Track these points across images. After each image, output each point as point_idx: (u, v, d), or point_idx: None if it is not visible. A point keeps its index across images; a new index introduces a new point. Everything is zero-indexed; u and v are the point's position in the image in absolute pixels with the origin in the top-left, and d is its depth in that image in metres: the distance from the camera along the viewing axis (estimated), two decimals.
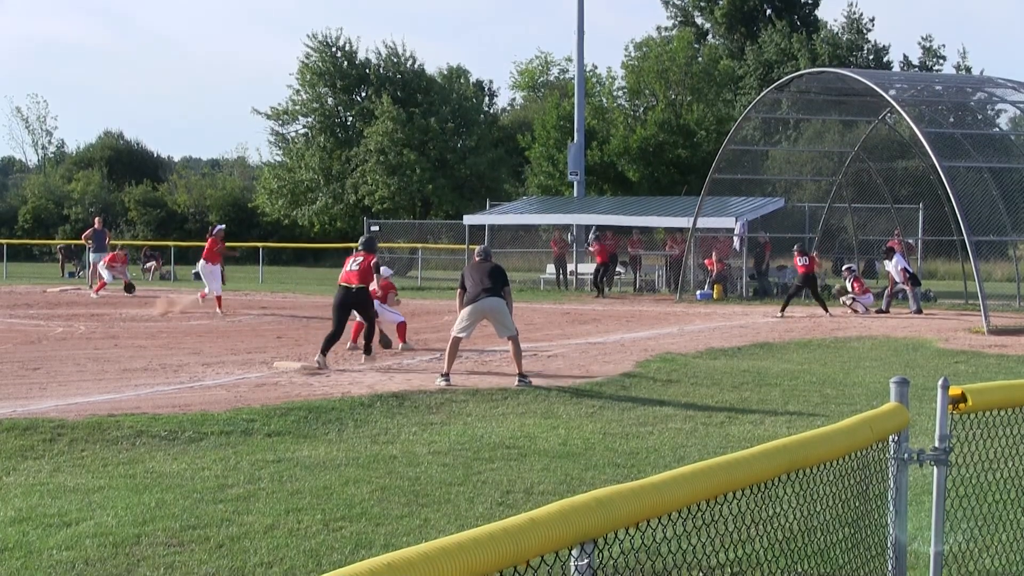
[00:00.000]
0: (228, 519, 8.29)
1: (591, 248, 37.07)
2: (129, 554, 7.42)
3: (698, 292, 35.01)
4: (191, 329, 23.52)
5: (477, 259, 16.37)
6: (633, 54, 69.54)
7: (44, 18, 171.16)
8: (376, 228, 45.76)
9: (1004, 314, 27.46)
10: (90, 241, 37.04)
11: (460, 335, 15.74)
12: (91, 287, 35.52)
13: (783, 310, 28.19)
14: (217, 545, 7.66)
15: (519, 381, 15.24)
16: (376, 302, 19.02)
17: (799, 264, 29.36)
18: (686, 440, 11.78)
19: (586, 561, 3.31)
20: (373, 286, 19.16)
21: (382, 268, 21.11)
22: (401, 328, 19.82)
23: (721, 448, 10.89)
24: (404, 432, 11.97)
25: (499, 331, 16.06)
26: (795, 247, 30.73)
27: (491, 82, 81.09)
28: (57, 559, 7.27)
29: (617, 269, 40.03)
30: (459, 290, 16.20)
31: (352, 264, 17.85)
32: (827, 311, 28.32)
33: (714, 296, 34.35)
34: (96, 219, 39.17)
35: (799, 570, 4.91)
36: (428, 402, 13.79)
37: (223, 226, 29.39)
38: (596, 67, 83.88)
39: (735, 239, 36.20)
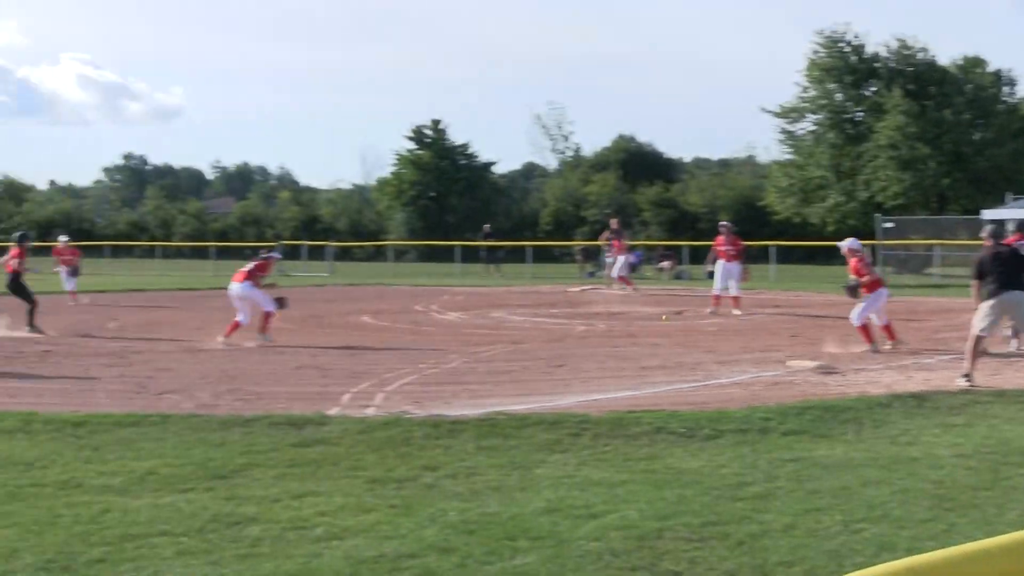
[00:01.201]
0: (747, 517, 8.33)
1: None
2: (652, 547, 7.60)
3: None
4: (705, 328, 23.85)
5: (990, 242, 15.51)
6: None
7: (560, 28, 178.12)
8: (890, 225, 44.70)
9: None
10: (607, 242, 38.59)
11: (982, 333, 15.06)
12: (610, 287, 37.13)
13: None
14: (737, 542, 7.71)
15: None
16: None
17: None
18: None
19: None
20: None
21: None
22: None
23: None
24: (925, 434, 11.60)
25: (1021, 327, 15.25)
26: None
27: (1010, 70, 76.92)
28: (585, 549, 7.53)
29: None
30: (975, 281, 15.41)
31: None
32: None
33: None
34: (612, 220, 40.75)
35: None
36: (949, 403, 13.30)
37: (728, 223, 29.53)
38: None
39: None
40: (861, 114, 69.44)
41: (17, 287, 23.72)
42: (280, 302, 21.23)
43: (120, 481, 9.35)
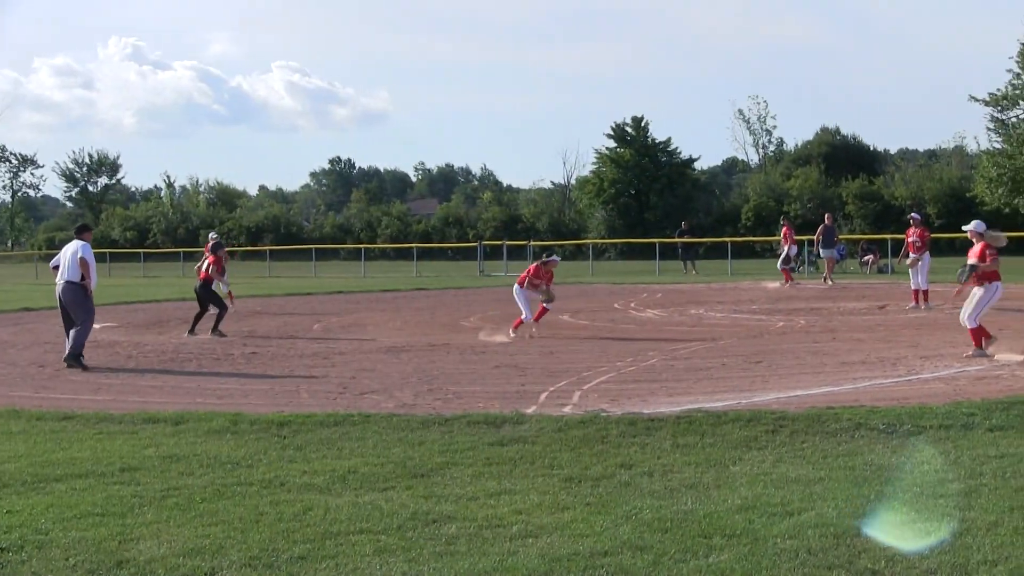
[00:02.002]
0: (948, 514, 8.16)
1: None
2: (850, 545, 7.49)
3: None
4: (909, 322, 23.35)
5: None
6: None
7: (763, 20, 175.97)
8: None
9: None
10: (821, 237, 38.68)
11: None
12: (825, 282, 37.26)
13: None
14: (937, 540, 7.56)
15: None
16: None
17: None
18: None
19: None
20: None
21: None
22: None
23: None
24: None
25: None
26: None
27: None
28: (781, 547, 7.47)
29: None
30: None
31: None
32: None
33: None
34: (827, 215, 40.88)
35: None
36: None
37: (917, 215, 29.04)
38: None
39: None
40: None
41: (207, 293, 24.53)
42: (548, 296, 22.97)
43: (322, 480, 9.62)
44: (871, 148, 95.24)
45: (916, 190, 76.15)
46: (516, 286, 23.00)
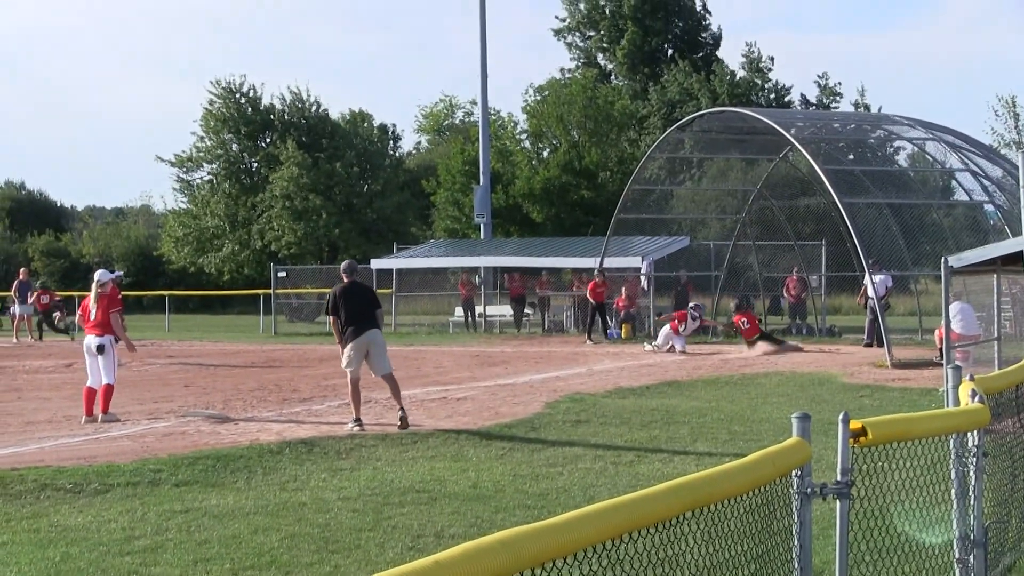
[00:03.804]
0: (135, 571, 8.19)
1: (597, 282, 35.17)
2: None
3: (607, 332, 35.13)
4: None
5: (345, 277, 16.03)
6: (534, 97, 70.22)
7: None
8: (283, 274, 45.45)
9: (907, 348, 27.76)
10: (16, 293, 37.28)
11: (351, 374, 15.64)
12: (17, 338, 35.95)
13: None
14: None
15: (400, 418, 15.16)
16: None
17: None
18: (595, 480, 11.81)
19: None
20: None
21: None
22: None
23: (630, 487, 10.91)
24: (313, 478, 11.89)
25: (375, 368, 15.91)
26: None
27: (395, 126, 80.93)
28: None
29: (525, 311, 40.25)
30: (332, 317, 15.85)
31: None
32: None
33: (623, 336, 34.49)
34: (21, 270, 39.41)
35: None
36: (337, 448, 13.69)
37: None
38: (500, 110, 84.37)
39: (642, 278, 36.48)
40: (256, 164, 70.72)
41: None
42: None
43: None
44: (58, 204, 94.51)
45: (104, 247, 76.28)
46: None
